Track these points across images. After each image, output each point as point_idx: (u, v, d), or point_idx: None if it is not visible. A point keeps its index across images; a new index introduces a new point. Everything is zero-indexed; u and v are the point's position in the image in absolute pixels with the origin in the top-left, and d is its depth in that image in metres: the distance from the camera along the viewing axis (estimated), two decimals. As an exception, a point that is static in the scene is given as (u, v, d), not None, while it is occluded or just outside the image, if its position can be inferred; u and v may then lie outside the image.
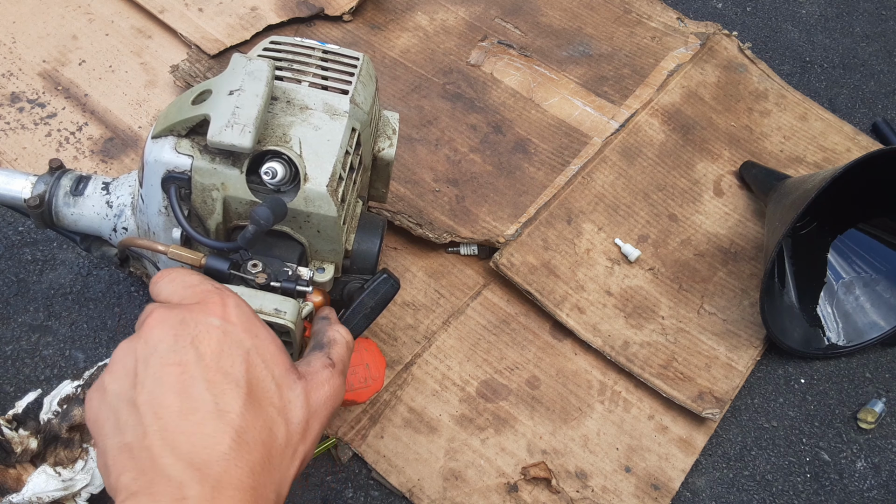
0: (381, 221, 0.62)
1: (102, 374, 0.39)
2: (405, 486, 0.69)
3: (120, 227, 0.61)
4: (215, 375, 0.37)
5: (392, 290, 0.57)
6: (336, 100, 0.55)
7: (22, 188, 0.61)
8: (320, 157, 0.52)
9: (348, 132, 0.54)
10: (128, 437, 0.36)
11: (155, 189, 0.54)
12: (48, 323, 0.75)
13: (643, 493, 0.71)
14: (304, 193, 0.51)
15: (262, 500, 0.36)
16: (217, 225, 0.53)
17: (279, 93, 0.54)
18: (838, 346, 0.82)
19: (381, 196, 0.70)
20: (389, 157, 0.65)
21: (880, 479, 0.76)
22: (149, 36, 0.95)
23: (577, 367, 0.78)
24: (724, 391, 0.77)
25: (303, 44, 0.59)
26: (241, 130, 0.48)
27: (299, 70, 0.57)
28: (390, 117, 0.66)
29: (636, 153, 0.93)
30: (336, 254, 0.56)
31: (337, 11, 0.99)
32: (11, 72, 0.89)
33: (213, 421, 0.36)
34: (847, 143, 0.98)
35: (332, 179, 0.52)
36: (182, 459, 0.35)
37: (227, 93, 0.49)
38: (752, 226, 0.89)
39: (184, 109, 0.51)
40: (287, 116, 0.53)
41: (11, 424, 0.64)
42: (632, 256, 0.84)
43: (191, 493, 0.34)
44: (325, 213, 0.52)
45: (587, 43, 1.03)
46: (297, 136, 0.52)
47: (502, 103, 0.95)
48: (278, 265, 0.52)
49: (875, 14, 1.18)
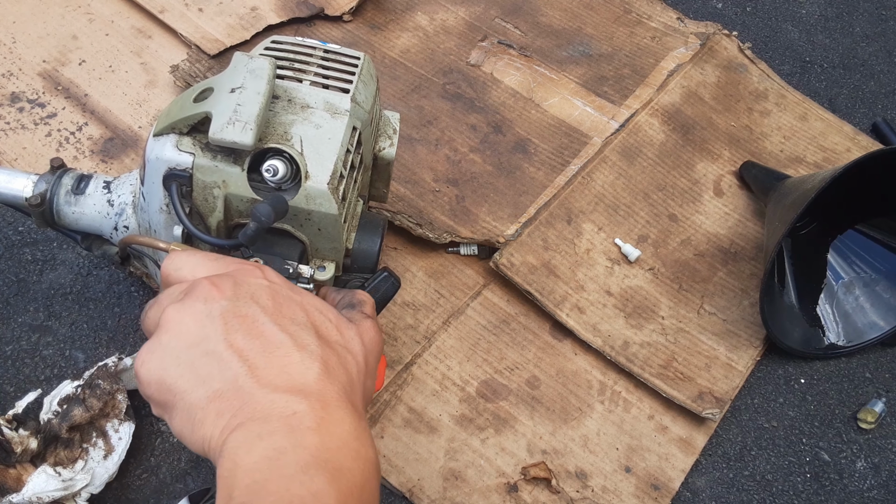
0: (381, 220, 0.62)
1: (151, 340, 0.39)
2: (405, 486, 0.69)
3: (121, 226, 0.61)
4: (283, 320, 0.39)
5: (392, 288, 0.57)
6: (337, 98, 0.55)
7: (23, 187, 0.61)
8: (321, 156, 0.52)
9: (349, 131, 0.54)
10: (216, 385, 0.36)
11: (156, 187, 0.54)
12: (48, 323, 0.75)
13: (643, 494, 0.71)
14: (305, 191, 0.51)
15: (360, 417, 0.38)
16: (218, 223, 0.53)
17: (280, 91, 0.54)
18: (838, 346, 0.82)
19: (382, 196, 0.70)
20: (390, 157, 0.65)
21: (880, 479, 0.76)
22: (149, 36, 0.95)
23: (577, 367, 0.78)
24: (724, 391, 0.77)
25: (304, 43, 0.59)
26: (242, 128, 0.48)
27: (300, 69, 0.57)
28: (391, 117, 0.67)
29: (636, 153, 0.93)
30: (337, 252, 0.56)
31: (337, 11, 0.99)
32: (11, 72, 0.89)
33: (297, 353, 0.38)
34: (847, 143, 0.98)
35: (333, 177, 0.52)
36: (280, 388, 0.36)
37: (229, 90, 0.49)
38: (752, 226, 0.89)
39: (185, 107, 0.51)
40: (288, 115, 0.53)
41: (11, 424, 0.64)
42: (632, 256, 0.84)
43: (300, 408, 0.35)
44: (326, 210, 0.52)
45: (587, 43, 1.03)
46: (298, 134, 0.52)
47: (502, 103, 0.95)
48: (279, 263, 0.52)
49: (875, 14, 1.18)
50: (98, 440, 0.65)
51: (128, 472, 0.68)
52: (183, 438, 0.37)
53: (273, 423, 0.34)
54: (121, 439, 0.65)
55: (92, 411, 0.64)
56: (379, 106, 0.63)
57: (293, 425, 0.34)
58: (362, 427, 0.37)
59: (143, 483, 0.68)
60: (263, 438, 0.34)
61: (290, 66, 0.57)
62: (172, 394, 0.37)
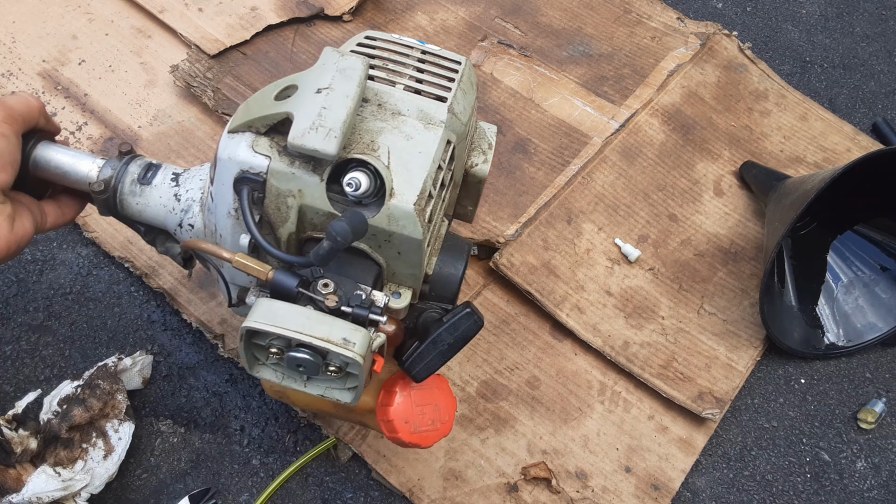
0: (466, 245, 0.56)
1: None
2: (405, 486, 0.69)
3: (186, 224, 0.56)
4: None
5: (475, 327, 0.52)
6: (432, 107, 0.49)
7: (88, 171, 0.55)
8: (410, 171, 0.47)
9: (443, 145, 0.49)
10: None
11: (226, 188, 0.49)
12: (48, 323, 0.75)
13: (643, 494, 0.71)
14: (388, 210, 0.46)
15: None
16: (289, 234, 0.49)
17: (370, 94, 0.49)
18: (838, 347, 0.82)
19: (469, 215, 0.63)
20: (483, 174, 0.58)
21: (880, 479, 0.76)
22: (148, 36, 0.95)
23: (577, 367, 0.78)
24: (724, 391, 0.77)
25: (401, 41, 0.53)
26: (326, 134, 0.43)
27: (395, 70, 0.51)
28: (486, 129, 0.60)
29: (636, 153, 0.93)
30: (415, 279, 0.51)
31: (337, 11, 0.99)
32: (11, 71, 0.89)
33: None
34: (847, 143, 0.98)
35: (421, 197, 0.46)
36: None
37: (315, 90, 0.45)
38: (752, 226, 0.89)
39: (265, 105, 0.47)
40: (377, 122, 0.48)
41: (11, 424, 0.63)
42: (632, 256, 0.84)
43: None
44: (410, 234, 0.47)
45: (587, 43, 1.03)
46: (386, 144, 0.47)
47: (502, 103, 0.95)
48: (351, 286, 0.47)
49: (875, 14, 1.18)
50: (98, 440, 0.65)
51: (127, 473, 0.68)
52: None
53: None
54: (120, 439, 0.65)
55: (92, 411, 0.64)
56: (476, 117, 0.57)
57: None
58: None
59: (142, 483, 0.68)
60: None
61: (384, 67, 0.51)
62: None
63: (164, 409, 0.72)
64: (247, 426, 0.72)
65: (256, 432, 0.71)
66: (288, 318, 0.45)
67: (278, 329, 0.44)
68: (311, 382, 0.49)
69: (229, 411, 0.72)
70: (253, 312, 0.45)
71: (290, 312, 0.45)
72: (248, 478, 0.69)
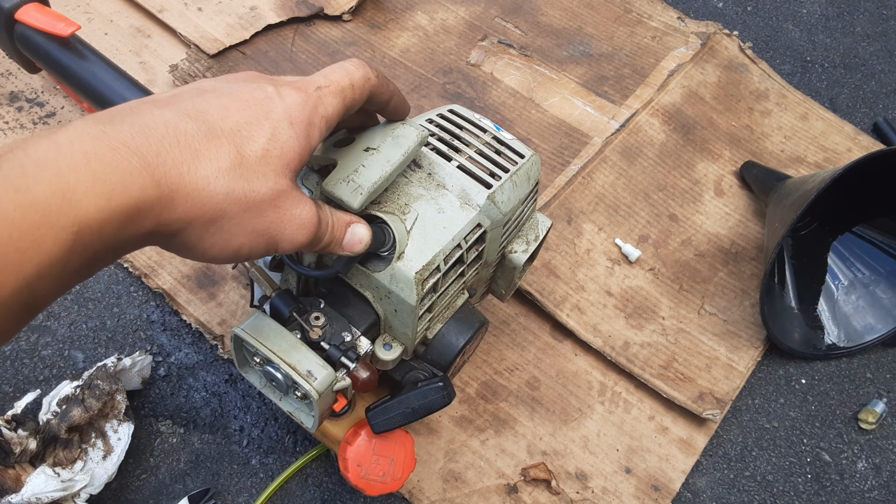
0: (478, 322, 0.59)
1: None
2: (405, 487, 0.69)
3: None
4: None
5: (441, 401, 0.54)
6: (475, 190, 0.52)
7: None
8: (426, 242, 0.50)
9: (470, 226, 0.52)
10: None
11: None
12: (47, 323, 0.75)
13: (643, 495, 0.71)
14: (392, 269, 0.49)
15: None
16: (310, 262, 0.53)
17: (425, 162, 0.52)
18: (838, 347, 0.82)
19: (501, 295, 0.66)
20: (518, 262, 0.60)
21: (881, 479, 0.76)
22: (148, 35, 0.94)
23: (577, 367, 0.77)
24: (725, 392, 0.77)
25: (478, 123, 0.56)
26: (354, 189, 0.46)
27: (456, 147, 0.54)
28: (541, 222, 0.62)
29: (636, 153, 0.93)
30: (407, 338, 0.54)
31: (336, 11, 0.99)
32: (10, 71, 0.89)
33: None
34: (848, 143, 0.98)
35: (426, 269, 0.49)
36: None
37: (364, 147, 0.48)
38: (753, 226, 0.89)
39: (326, 147, 0.51)
40: (420, 188, 0.51)
41: (10, 425, 0.63)
42: (632, 257, 0.84)
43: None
44: (405, 297, 0.50)
45: (587, 42, 1.03)
46: (417, 210, 0.50)
47: (502, 103, 0.95)
48: (342, 326, 0.51)
49: (876, 14, 1.18)
50: (97, 441, 0.65)
51: (127, 473, 0.68)
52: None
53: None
54: (120, 440, 0.65)
55: (91, 412, 0.64)
56: (530, 209, 0.60)
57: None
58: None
59: (142, 483, 0.68)
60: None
61: (449, 142, 0.54)
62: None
63: (164, 409, 0.72)
64: (246, 427, 0.72)
65: (256, 433, 0.71)
66: (270, 338, 0.48)
67: (257, 344, 0.48)
68: (285, 399, 0.53)
69: (229, 412, 0.72)
70: (246, 322, 0.49)
71: (275, 333, 0.49)
72: (247, 478, 0.69)
